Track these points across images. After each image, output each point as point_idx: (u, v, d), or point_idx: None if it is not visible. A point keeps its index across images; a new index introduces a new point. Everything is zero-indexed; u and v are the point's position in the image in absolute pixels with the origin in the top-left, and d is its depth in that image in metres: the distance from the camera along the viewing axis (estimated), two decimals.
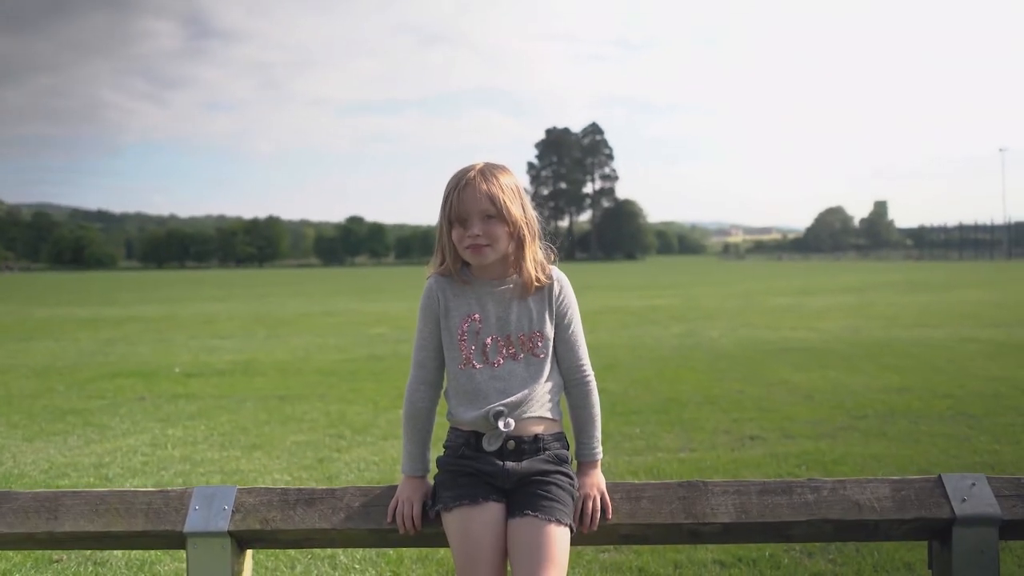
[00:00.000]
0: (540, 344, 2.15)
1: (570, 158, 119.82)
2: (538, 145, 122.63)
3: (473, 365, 2.11)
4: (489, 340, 2.13)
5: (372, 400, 7.41)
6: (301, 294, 29.38)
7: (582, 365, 2.20)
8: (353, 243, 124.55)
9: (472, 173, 2.08)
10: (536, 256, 2.17)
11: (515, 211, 2.09)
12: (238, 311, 20.13)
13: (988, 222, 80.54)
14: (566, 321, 2.19)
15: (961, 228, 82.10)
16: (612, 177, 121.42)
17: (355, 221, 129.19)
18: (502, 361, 2.13)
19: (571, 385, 2.19)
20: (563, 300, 2.19)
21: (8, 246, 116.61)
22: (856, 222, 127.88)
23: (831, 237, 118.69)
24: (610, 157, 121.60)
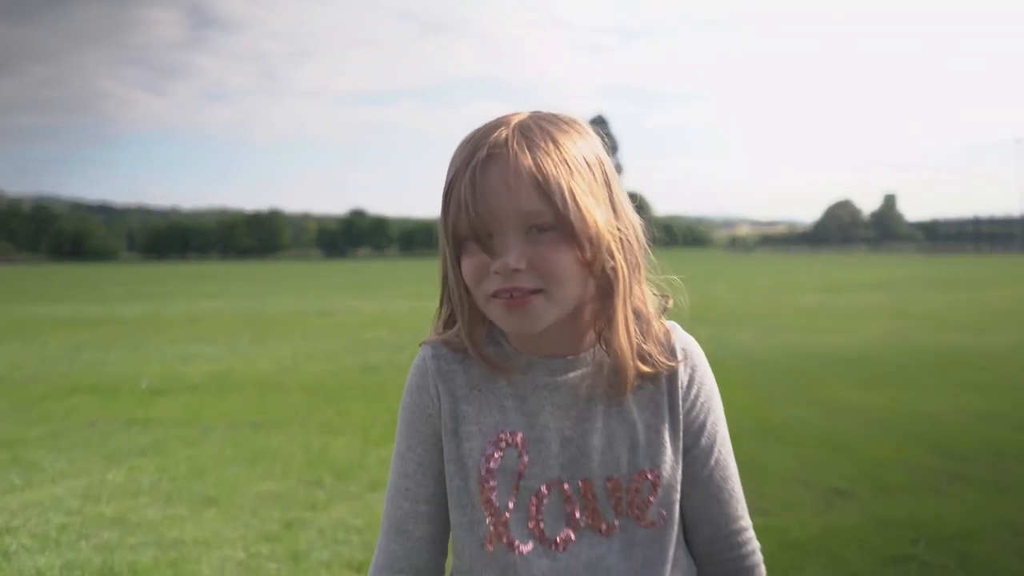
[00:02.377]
0: (655, 498, 1.01)
1: None
2: None
3: (513, 546, 0.99)
4: (545, 490, 1.00)
5: (361, 428, 6.22)
6: (297, 290, 28.20)
7: (740, 532, 1.07)
8: (355, 236, 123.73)
9: (503, 134, 0.94)
10: (642, 310, 1.03)
11: (597, 213, 0.96)
12: (227, 309, 18.94)
13: (1003, 215, 78.78)
14: (705, 439, 1.06)
15: (976, 222, 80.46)
16: (617, 170, 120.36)
17: (357, 215, 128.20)
18: (573, 538, 1.00)
19: (718, 566, 1.06)
20: (697, 397, 1.07)
21: (9, 238, 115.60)
22: (865, 215, 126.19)
23: (840, 230, 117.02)
24: (615, 149, 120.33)
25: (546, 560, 0.97)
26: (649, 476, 1.00)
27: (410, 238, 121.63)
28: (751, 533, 1.07)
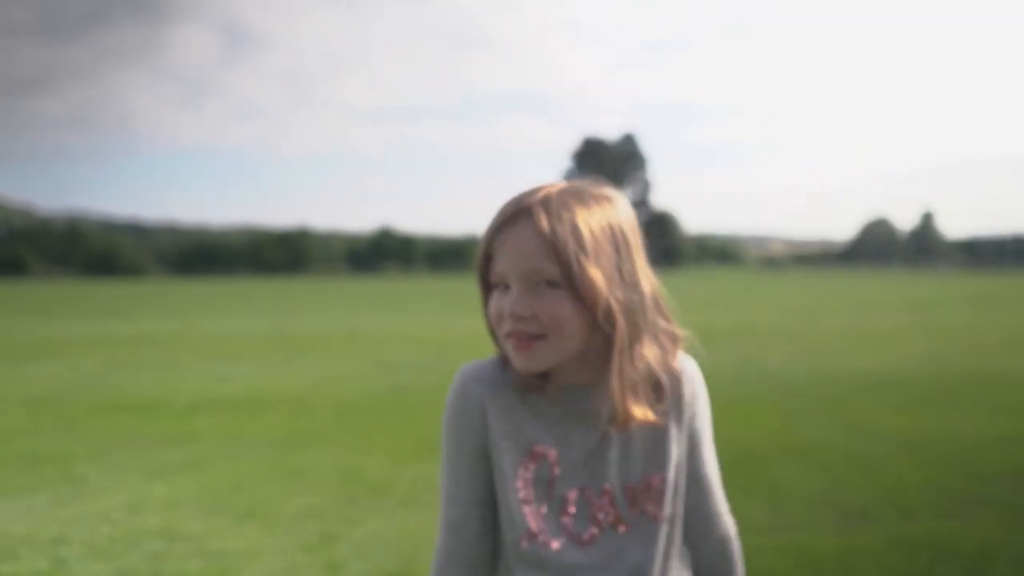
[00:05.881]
0: (662, 498, 1.19)
1: (606, 169, 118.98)
2: (574, 156, 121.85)
3: (546, 543, 1.14)
4: (574, 495, 1.17)
5: (392, 449, 6.38)
6: (325, 310, 28.52)
7: (720, 515, 1.26)
8: (383, 253, 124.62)
9: (531, 200, 1.12)
10: (639, 365, 1.16)
11: (597, 276, 1.11)
12: (256, 329, 19.24)
13: None
14: (699, 447, 1.25)
15: (1017, 240, 79.39)
16: (647, 188, 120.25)
17: (385, 235, 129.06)
18: (597, 533, 1.17)
19: (705, 548, 1.25)
20: (695, 419, 1.24)
21: (41, 254, 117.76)
22: (902, 234, 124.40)
23: (876, 248, 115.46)
24: (645, 168, 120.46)
25: (575, 553, 1.14)
26: (658, 481, 1.17)
27: (438, 256, 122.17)
28: (729, 516, 1.26)
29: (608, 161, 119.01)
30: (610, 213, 1.15)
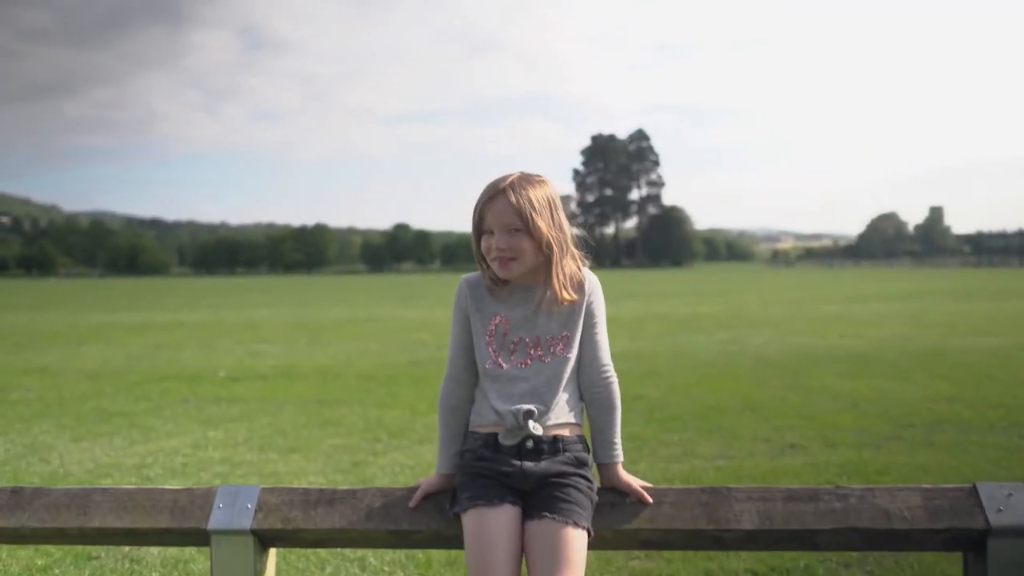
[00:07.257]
0: (567, 345, 2.13)
1: (616, 164, 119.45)
2: (584, 152, 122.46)
3: (499, 364, 2.11)
4: (516, 340, 2.13)
5: (410, 405, 7.43)
6: (345, 301, 29.65)
7: (606, 365, 2.19)
8: (399, 250, 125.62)
9: (503, 184, 2.08)
10: (565, 271, 2.13)
11: (542, 225, 2.07)
12: (282, 317, 20.39)
13: None
14: (593, 321, 2.18)
15: (1022, 235, 79.56)
16: (658, 184, 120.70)
17: (401, 228, 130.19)
18: (529, 362, 2.12)
19: (593, 386, 2.17)
20: (592, 302, 2.18)
21: (67, 252, 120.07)
22: (910, 228, 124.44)
23: (884, 244, 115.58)
24: (656, 163, 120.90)
25: (515, 371, 2.13)
26: (567, 336, 2.16)
27: (453, 252, 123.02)
28: (612, 369, 2.19)
29: (617, 156, 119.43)
30: (546, 190, 2.16)
